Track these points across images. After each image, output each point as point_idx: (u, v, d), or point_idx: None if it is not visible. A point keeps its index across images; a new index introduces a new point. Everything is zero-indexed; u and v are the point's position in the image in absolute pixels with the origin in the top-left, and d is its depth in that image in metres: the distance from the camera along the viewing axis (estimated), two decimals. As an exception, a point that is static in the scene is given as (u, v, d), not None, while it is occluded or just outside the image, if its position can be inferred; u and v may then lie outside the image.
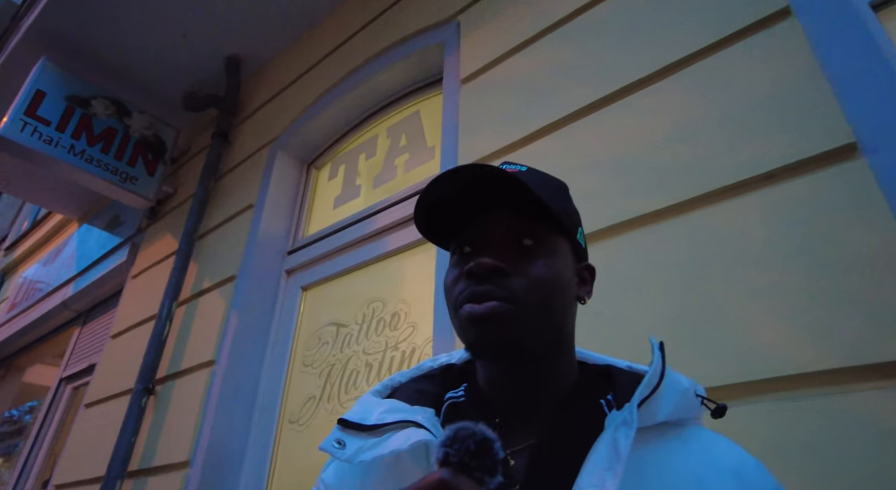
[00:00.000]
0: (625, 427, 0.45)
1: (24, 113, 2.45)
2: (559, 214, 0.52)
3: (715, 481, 0.44)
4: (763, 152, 0.96)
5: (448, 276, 0.54)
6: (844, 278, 0.80)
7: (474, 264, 0.49)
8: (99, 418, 2.39)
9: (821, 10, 1.05)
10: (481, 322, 0.48)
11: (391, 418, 0.50)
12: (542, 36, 1.46)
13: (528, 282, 0.50)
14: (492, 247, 0.52)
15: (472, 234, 0.54)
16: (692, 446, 0.48)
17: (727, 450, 0.49)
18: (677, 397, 0.50)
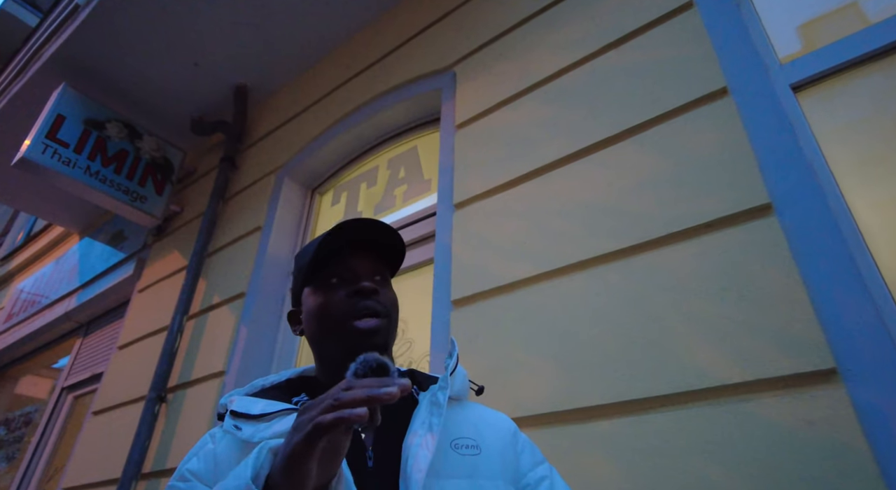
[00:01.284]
0: (441, 391, 0.71)
1: (46, 136, 2.62)
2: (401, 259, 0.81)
3: (483, 426, 0.74)
4: (704, 205, 1.20)
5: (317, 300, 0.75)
6: (756, 310, 1.03)
7: (362, 286, 0.72)
8: (108, 425, 2.53)
9: (750, 90, 1.29)
10: (367, 334, 0.70)
11: (273, 409, 0.67)
12: (527, 92, 1.70)
13: (388, 300, 0.76)
14: (360, 278, 0.75)
15: (344, 269, 0.76)
16: (468, 409, 0.78)
17: (487, 409, 0.80)
18: (462, 379, 0.78)
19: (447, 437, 0.69)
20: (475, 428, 0.73)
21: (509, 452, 0.72)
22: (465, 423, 0.73)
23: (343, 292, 0.74)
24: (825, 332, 0.95)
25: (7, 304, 4.59)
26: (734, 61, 1.34)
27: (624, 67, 1.49)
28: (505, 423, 0.78)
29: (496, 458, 0.70)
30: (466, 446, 0.69)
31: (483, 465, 0.68)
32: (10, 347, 4.06)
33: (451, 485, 0.63)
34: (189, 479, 0.65)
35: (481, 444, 0.70)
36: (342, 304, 0.73)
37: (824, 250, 1.04)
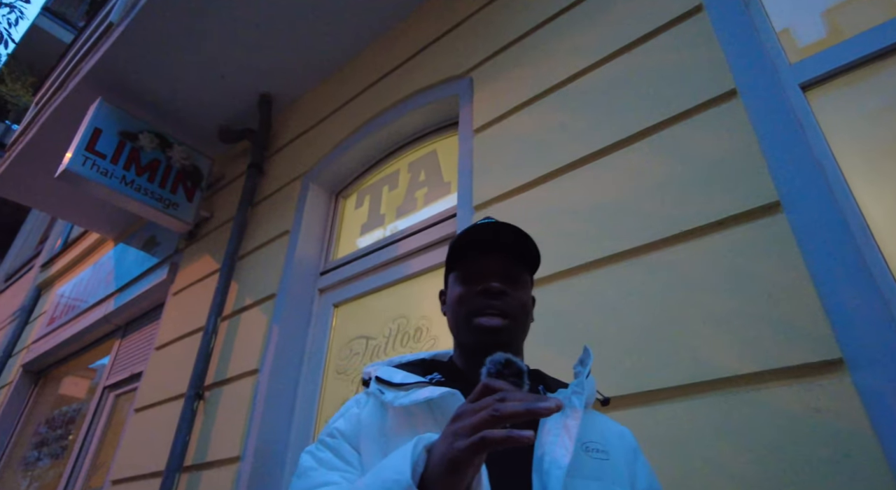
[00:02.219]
0: (576, 396, 0.75)
1: (85, 148, 2.77)
2: (537, 261, 0.85)
3: (609, 435, 0.77)
4: (714, 204, 1.25)
5: (455, 291, 0.82)
6: (765, 303, 1.08)
7: (490, 285, 0.77)
8: (149, 421, 2.67)
9: (760, 90, 1.33)
10: (490, 332, 0.76)
11: (411, 380, 0.74)
12: (542, 97, 1.76)
13: (516, 302, 0.79)
14: (494, 276, 0.80)
15: (478, 266, 0.82)
16: (594, 417, 0.81)
17: (610, 420, 0.83)
18: (591, 388, 0.81)
19: (580, 439, 0.72)
20: (602, 435, 0.76)
21: (631, 466, 0.75)
22: (593, 428, 0.76)
23: (473, 288, 0.79)
24: (831, 324, 1.00)
25: (49, 309, 4.80)
26: (743, 63, 1.38)
27: (635, 71, 1.54)
28: (629, 436, 0.81)
29: (622, 466, 0.73)
30: (596, 450, 0.72)
31: (611, 470, 0.71)
32: (53, 350, 4.26)
33: (583, 485, 0.66)
34: (337, 436, 0.73)
35: (609, 450, 0.73)
36: (471, 300, 0.79)
37: (832, 245, 1.08)
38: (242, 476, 1.97)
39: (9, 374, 4.76)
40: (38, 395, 4.55)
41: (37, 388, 4.59)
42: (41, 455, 3.90)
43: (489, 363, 0.58)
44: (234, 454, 2.05)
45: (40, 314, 4.98)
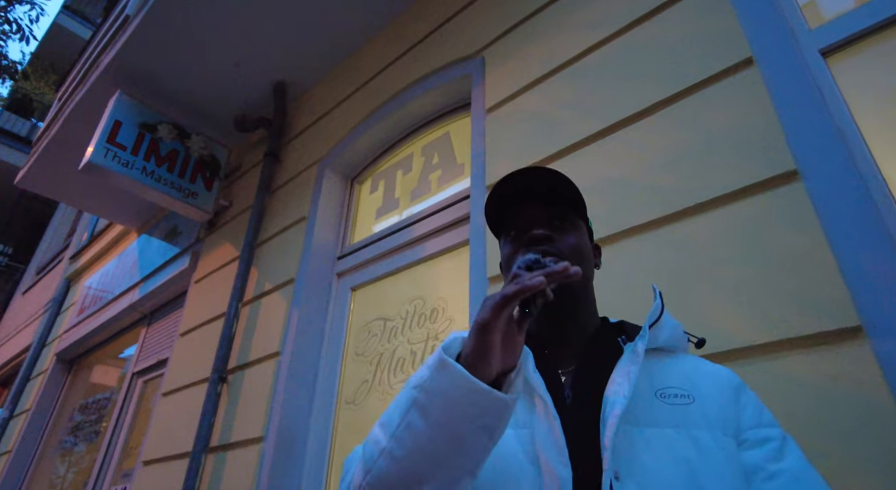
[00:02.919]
0: (640, 340, 0.70)
1: (107, 141, 2.83)
2: (582, 204, 0.79)
3: (698, 378, 0.70)
4: (730, 175, 1.23)
5: (504, 253, 0.79)
6: (782, 272, 1.07)
7: (532, 234, 0.73)
8: (176, 405, 2.75)
9: (777, 58, 1.30)
10: None
11: None
12: (554, 73, 1.74)
13: (566, 245, 0.75)
14: (536, 224, 0.75)
15: (518, 218, 0.77)
16: (682, 360, 0.74)
17: (707, 362, 0.75)
18: (671, 329, 0.76)
19: (652, 387, 0.68)
20: (688, 378, 0.69)
21: (729, 406, 0.66)
22: (677, 373, 0.70)
23: (519, 242, 0.76)
24: (850, 291, 0.98)
25: (78, 299, 4.95)
26: (760, 30, 1.34)
27: (649, 43, 1.52)
28: (727, 375, 0.72)
29: (713, 408, 0.65)
30: (675, 395, 0.66)
31: (696, 414, 0.64)
32: (83, 339, 4.40)
33: (655, 433, 0.62)
34: None
35: (695, 394, 0.66)
36: (515, 257, 0.75)
37: (852, 212, 1.05)
38: (266, 455, 2.02)
39: (44, 362, 4.93)
40: (71, 382, 4.71)
41: (70, 375, 4.75)
42: (77, 441, 4.04)
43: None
44: (257, 435, 2.11)
45: (70, 305, 5.13)
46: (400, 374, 1.96)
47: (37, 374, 4.94)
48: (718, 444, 0.61)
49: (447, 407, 0.54)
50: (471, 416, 0.54)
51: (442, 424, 0.54)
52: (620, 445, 0.60)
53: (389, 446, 0.56)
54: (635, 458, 0.60)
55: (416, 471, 0.55)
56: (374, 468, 0.56)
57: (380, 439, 0.57)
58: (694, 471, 0.58)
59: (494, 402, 0.54)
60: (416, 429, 0.55)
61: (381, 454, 0.56)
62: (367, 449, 0.59)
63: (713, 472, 0.58)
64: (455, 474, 0.55)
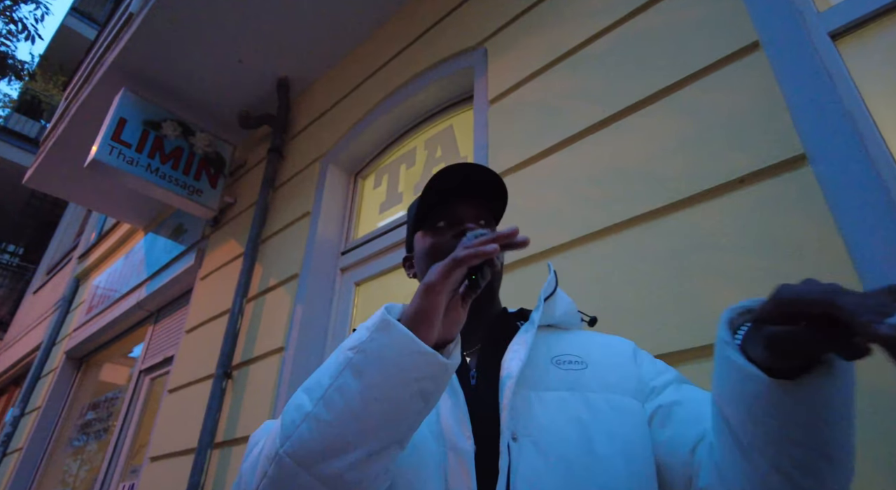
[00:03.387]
0: (535, 311, 0.75)
1: (111, 138, 2.84)
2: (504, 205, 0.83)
3: (592, 347, 0.74)
4: (735, 162, 1.20)
5: (426, 242, 0.79)
6: (794, 262, 1.04)
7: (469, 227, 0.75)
8: (182, 401, 2.75)
9: (784, 41, 1.27)
10: None
11: None
12: (557, 63, 1.71)
13: None
14: (465, 221, 0.78)
15: (448, 214, 0.79)
16: (577, 334, 0.79)
17: (600, 334, 0.80)
18: (566, 305, 0.81)
19: (548, 354, 0.71)
20: (583, 347, 0.74)
21: (628, 366, 0.71)
22: (572, 343, 0.75)
23: (449, 233, 0.78)
24: (861, 279, 0.95)
25: (87, 298, 4.99)
26: (766, 13, 1.31)
27: (652, 31, 1.49)
28: (622, 343, 0.77)
29: (606, 372, 0.69)
30: (570, 362, 0.70)
31: (589, 378, 0.68)
32: (92, 337, 4.43)
33: (551, 396, 0.65)
34: None
35: (588, 360, 0.71)
36: (449, 245, 0.76)
37: (862, 197, 1.03)
38: (270, 450, 2.01)
39: (53, 360, 4.98)
40: (80, 380, 4.74)
41: (79, 373, 4.78)
42: (88, 439, 4.07)
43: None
44: (262, 429, 2.10)
45: (79, 304, 5.17)
46: (404, 369, 1.95)
47: (47, 372, 4.98)
48: (611, 405, 0.65)
49: (385, 368, 0.52)
50: (409, 380, 0.52)
51: (378, 385, 0.52)
52: (518, 408, 0.63)
53: (316, 410, 0.52)
54: (532, 419, 0.62)
55: (344, 436, 0.51)
56: (296, 434, 0.52)
57: (304, 404, 0.54)
58: (586, 429, 0.62)
59: (435, 365, 0.53)
60: (349, 390, 0.52)
61: (304, 418, 0.52)
62: (286, 416, 0.55)
63: (603, 429, 0.62)
64: (385, 441, 0.52)
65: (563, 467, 0.59)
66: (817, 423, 0.45)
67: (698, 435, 0.60)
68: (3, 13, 5.49)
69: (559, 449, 0.60)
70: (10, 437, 4.66)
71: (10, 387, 6.94)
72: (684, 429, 0.62)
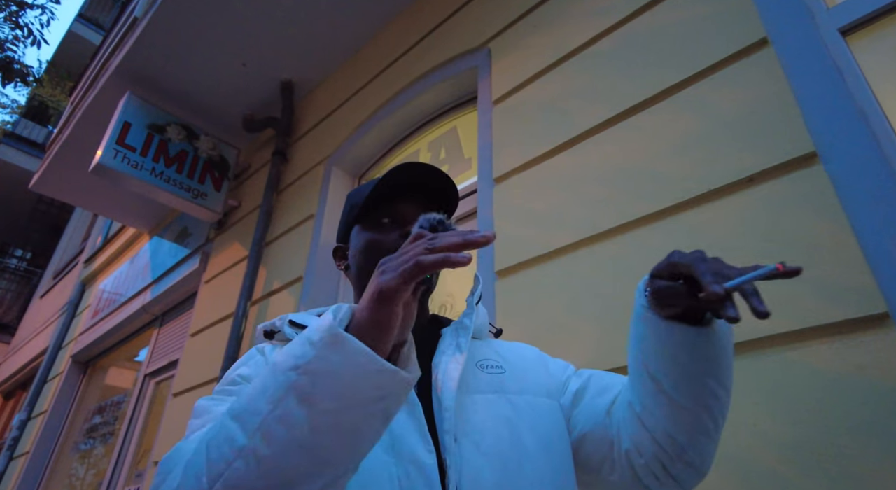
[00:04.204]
0: (467, 317, 0.76)
1: (116, 142, 2.84)
2: (454, 207, 0.82)
3: (505, 351, 0.78)
4: (744, 160, 1.18)
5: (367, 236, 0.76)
6: (803, 259, 1.02)
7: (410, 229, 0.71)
8: (187, 406, 2.74)
9: (793, 38, 1.25)
10: None
11: None
12: (561, 63, 1.70)
13: None
14: (411, 221, 0.75)
15: (398, 212, 0.77)
16: (489, 342, 0.81)
17: (507, 342, 0.83)
18: (483, 316, 0.83)
19: (473, 360, 0.73)
20: (497, 353, 0.77)
21: (538, 369, 0.77)
22: (488, 350, 0.78)
23: (395, 233, 0.75)
24: (876, 278, 0.93)
25: (93, 302, 5.00)
26: (774, 9, 1.29)
27: (658, 29, 1.47)
28: (529, 348, 0.83)
29: (522, 375, 0.74)
30: (491, 367, 0.73)
31: (509, 381, 0.72)
32: (97, 341, 4.43)
33: (481, 399, 0.67)
34: (240, 382, 0.64)
35: (505, 365, 0.74)
36: (392, 244, 0.74)
37: (876, 194, 1.00)
38: (274, 454, 2.00)
39: (60, 365, 4.99)
40: (86, 384, 4.75)
41: (85, 377, 4.79)
42: (95, 442, 4.07)
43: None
44: (266, 433, 2.09)
45: (85, 308, 5.18)
46: (408, 372, 1.93)
47: (53, 376, 4.99)
48: (530, 404, 0.70)
49: (340, 391, 0.45)
50: (368, 401, 0.46)
51: (330, 412, 0.45)
52: (457, 411, 0.64)
53: (252, 444, 0.44)
54: (467, 420, 0.64)
55: (289, 472, 0.44)
56: (228, 472, 0.43)
57: (236, 436, 0.45)
58: (514, 426, 0.66)
59: (398, 383, 0.47)
60: (294, 419, 0.44)
61: (238, 454, 0.44)
62: (213, 451, 0.45)
63: (527, 426, 0.67)
64: (338, 471, 0.46)
65: (499, 462, 0.61)
66: (720, 357, 0.58)
67: (609, 400, 0.70)
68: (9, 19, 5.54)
69: (495, 446, 0.63)
70: (16, 441, 4.66)
71: (17, 391, 6.97)
72: (595, 399, 0.72)
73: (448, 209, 0.82)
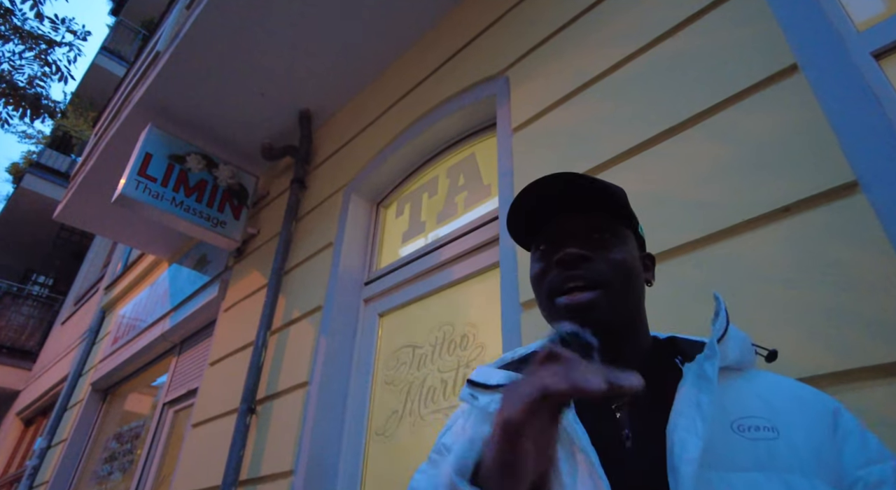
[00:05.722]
0: (708, 361, 0.57)
1: (138, 173, 2.89)
2: (627, 210, 0.68)
3: (780, 401, 0.57)
4: (779, 189, 1.14)
5: (533, 270, 0.67)
6: (847, 294, 0.97)
7: (563, 254, 0.61)
8: (206, 436, 2.72)
9: (824, 63, 1.22)
10: (578, 311, 0.59)
11: (508, 380, 0.63)
12: (582, 90, 1.68)
13: (609, 265, 0.62)
14: (570, 240, 0.63)
15: (549, 233, 0.66)
16: (756, 380, 0.62)
17: (785, 379, 0.63)
18: (740, 343, 0.65)
19: (727, 417, 0.55)
20: (767, 403, 0.56)
21: (826, 442, 0.54)
22: (753, 396, 0.57)
23: (546, 263, 0.64)
24: (931, 315, 0.88)
25: (113, 329, 5.04)
26: (803, 35, 1.27)
27: (682, 55, 1.45)
28: (818, 398, 0.59)
29: (804, 444, 0.52)
30: (757, 428, 0.53)
31: (784, 452, 0.51)
32: (117, 369, 4.45)
33: (739, 479, 0.49)
34: (444, 452, 0.65)
35: (778, 424, 0.54)
36: (546, 278, 0.63)
37: (923, 226, 0.96)
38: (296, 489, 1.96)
39: (80, 392, 5.01)
40: (106, 411, 4.76)
41: (105, 404, 4.80)
42: (113, 469, 4.05)
43: (555, 334, 0.48)
44: (286, 468, 2.05)
45: (105, 335, 5.22)
46: (431, 405, 1.89)
47: (73, 403, 5.01)
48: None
49: None
50: None
51: None
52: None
53: None
54: None
55: None
56: None
57: None
58: None
59: None
60: None
61: None
62: None
63: None
64: None
65: None
66: None
67: None
68: (38, 57, 5.75)
69: None
70: (37, 469, 4.67)
71: (37, 417, 7.01)
72: None
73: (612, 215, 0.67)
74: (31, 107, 5.99)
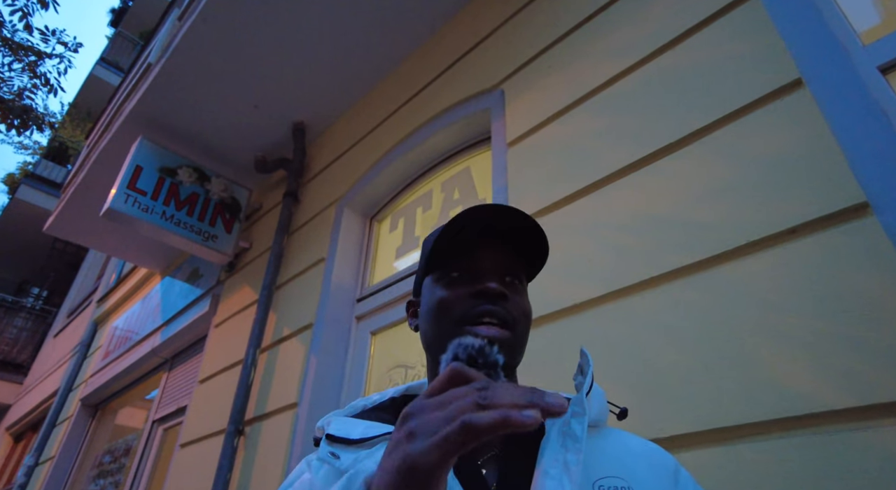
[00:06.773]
0: (576, 419, 0.56)
1: (127, 187, 2.83)
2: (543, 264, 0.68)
3: (632, 460, 0.59)
4: (784, 209, 1.09)
5: (437, 294, 0.63)
6: (861, 322, 0.91)
7: (488, 287, 0.60)
8: (194, 457, 2.64)
9: (829, 78, 1.17)
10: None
11: (377, 432, 0.57)
12: (578, 104, 1.64)
13: (518, 310, 0.62)
14: (486, 276, 0.62)
15: (472, 262, 0.64)
16: (608, 437, 0.62)
17: (632, 437, 0.65)
18: (600, 400, 0.66)
19: (588, 477, 0.55)
20: (621, 463, 0.58)
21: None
22: (608, 456, 0.59)
23: (464, 290, 0.62)
24: (951, 347, 0.82)
25: (104, 343, 4.96)
26: (807, 49, 1.22)
27: (682, 69, 1.40)
28: (661, 456, 0.62)
29: None
30: (615, 488, 0.54)
31: None
32: (107, 384, 4.36)
33: None
34: None
35: (633, 483, 0.55)
36: (461, 304, 0.61)
37: (939, 251, 0.90)
38: (282, 517, 1.88)
39: (69, 408, 4.91)
40: (95, 427, 4.66)
41: (94, 421, 4.70)
42: (105, 485, 3.96)
43: (457, 347, 0.43)
44: (273, 493, 1.97)
45: (97, 348, 5.14)
46: (423, 428, 1.82)
47: (62, 419, 4.92)
48: None
49: None
50: None
51: None
52: None
53: None
54: None
55: None
56: None
57: None
58: None
59: None
60: None
61: None
62: None
63: None
64: None
65: None
66: None
67: None
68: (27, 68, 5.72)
69: None
70: (24, 488, 4.56)
71: (27, 432, 6.89)
72: None
73: (533, 260, 0.68)
74: (19, 118, 5.96)
